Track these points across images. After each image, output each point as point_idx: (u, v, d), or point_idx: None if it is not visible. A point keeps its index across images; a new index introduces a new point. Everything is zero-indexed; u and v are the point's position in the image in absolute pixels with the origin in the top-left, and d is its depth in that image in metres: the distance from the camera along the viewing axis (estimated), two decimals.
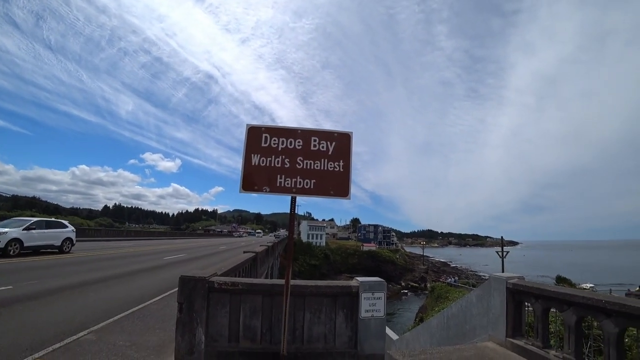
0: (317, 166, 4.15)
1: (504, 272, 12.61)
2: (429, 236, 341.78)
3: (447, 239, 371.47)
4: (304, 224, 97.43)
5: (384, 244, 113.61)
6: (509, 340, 5.14)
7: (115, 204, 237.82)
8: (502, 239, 46.01)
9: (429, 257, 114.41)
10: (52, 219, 21.91)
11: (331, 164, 4.18)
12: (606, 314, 3.80)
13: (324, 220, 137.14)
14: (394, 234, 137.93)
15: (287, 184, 4.07)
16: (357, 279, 4.88)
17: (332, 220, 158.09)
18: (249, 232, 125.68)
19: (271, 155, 4.12)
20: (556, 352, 4.46)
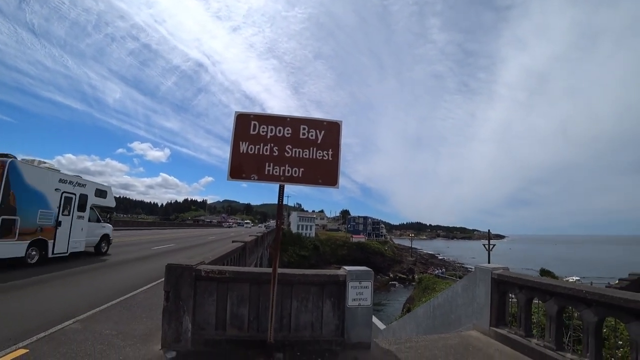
0: (306, 155, 4.14)
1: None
2: (417, 228, 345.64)
3: (436, 231, 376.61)
4: (294, 215, 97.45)
5: (373, 235, 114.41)
6: (493, 329, 5.25)
7: None
8: (489, 232, 46.86)
9: (417, 249, 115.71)
10: None
11: (320, 153, 4.17)
12: (586, 304, 3.91)
13: (313, 212, 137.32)
14: (383, 226, 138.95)
15: (276, 172, 4.05)
16: (344, 268, 4.90)
17: (322, 211, 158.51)
18: (239, 223, 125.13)
19: (260, 143, 4.09)
20: (538, 341, 4.59)
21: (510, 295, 5.34)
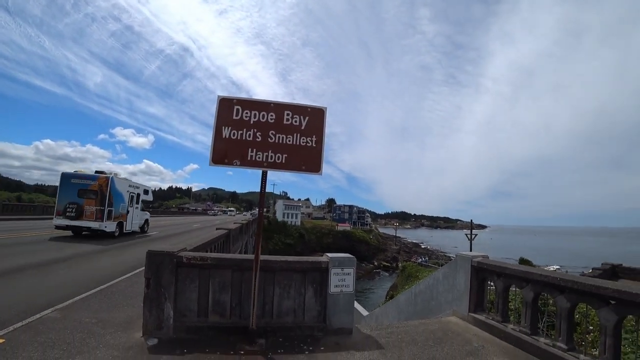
0: (290, 141, 4.09)
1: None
2: (402, 218, 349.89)
3: (420, 220, 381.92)
4: (279, 203, 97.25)
5: (358, 224, 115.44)
6: (471, 315, 5.39)
7: None
8: (472, 222, 47.85)
9: (401, 238, 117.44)
10: None
11: (304, 139, 4.13)
12: (560, 290, 4.05)
13: (299, 200, 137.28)
14: (368, 214, 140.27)
15: (259, 157, 4.00)
16: (327, 255, 4.93)
17: (307, 200, 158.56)
18: (224, 211, 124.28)
19: (243, 129, 4.02)
20: (514, 326, 4.73)
21: (489, 282, 5.48)
